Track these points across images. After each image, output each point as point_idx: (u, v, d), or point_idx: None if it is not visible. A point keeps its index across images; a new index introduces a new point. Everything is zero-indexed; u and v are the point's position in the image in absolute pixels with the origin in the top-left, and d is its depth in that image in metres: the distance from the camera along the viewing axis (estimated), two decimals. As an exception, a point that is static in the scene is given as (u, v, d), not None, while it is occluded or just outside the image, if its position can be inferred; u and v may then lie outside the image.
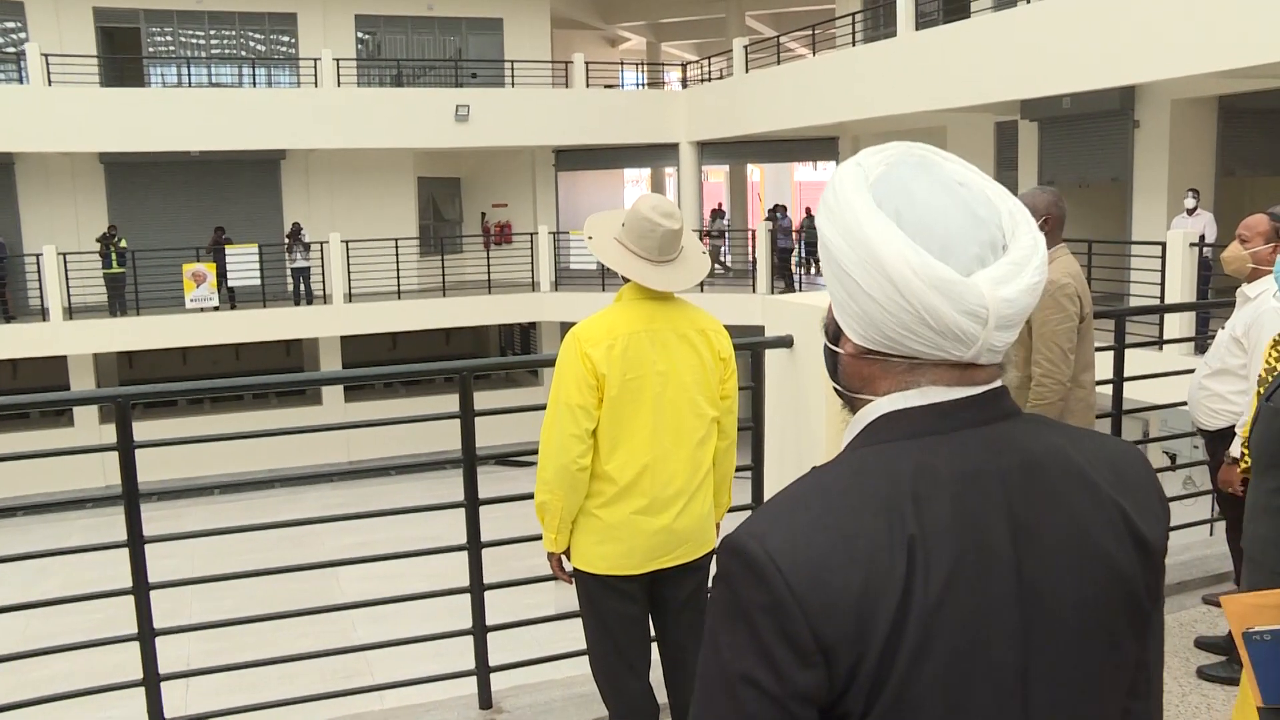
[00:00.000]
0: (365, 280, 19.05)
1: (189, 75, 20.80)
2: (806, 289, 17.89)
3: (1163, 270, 11.19)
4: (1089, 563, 0.91)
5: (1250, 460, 2.93)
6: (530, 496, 2.82)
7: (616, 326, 2.64)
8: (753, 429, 3.74)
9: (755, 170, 32.06)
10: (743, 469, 3.36)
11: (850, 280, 0.91)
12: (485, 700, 3.54)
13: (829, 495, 0.87)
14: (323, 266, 18.87)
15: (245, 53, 20.94)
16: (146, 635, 3.20)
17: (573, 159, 22.45)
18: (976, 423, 0.91)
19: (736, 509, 3.12)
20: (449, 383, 18.98)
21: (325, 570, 3.74)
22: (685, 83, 24.55)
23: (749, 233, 19.99)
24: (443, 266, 19.59)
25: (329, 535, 11.27)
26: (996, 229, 0.92)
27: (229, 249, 18.27)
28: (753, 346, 3.68)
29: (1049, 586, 0.89)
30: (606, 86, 24.60)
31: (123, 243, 17.70)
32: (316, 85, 19.42)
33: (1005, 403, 0.94)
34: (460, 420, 3.44)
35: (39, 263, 17.02)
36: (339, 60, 19.59)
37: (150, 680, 3.21)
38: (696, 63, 24.96)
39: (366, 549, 4.08)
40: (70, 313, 17.45)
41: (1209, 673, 3.63)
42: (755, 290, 18.01)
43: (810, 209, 24.10)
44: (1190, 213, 11.79)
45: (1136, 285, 11.89)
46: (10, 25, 19.38)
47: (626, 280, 2.71)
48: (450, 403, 4.06)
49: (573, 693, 3.58)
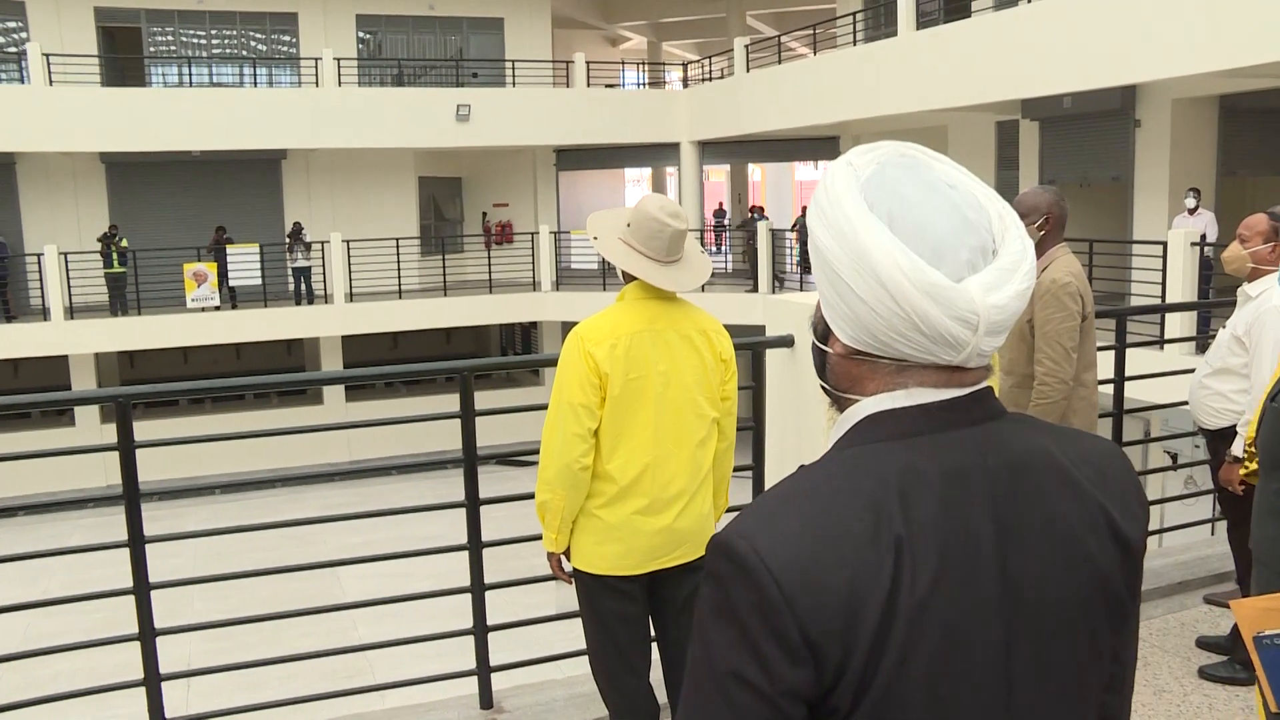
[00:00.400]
0: (366, 280, 19.05)
1: (190, 75, 20.80)
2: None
3: (1164, 270, 11.17)
4: (1072, 562, 0.92)
5: (1258, 461, 2.93)
6: (531, 496, 2.82)
7: (619, 326, 2.64)
8: (753, 429, 3.74)
9: (756, 170, 32.06)
10: (743, 469, 3.36)
11: (841, 282, 0.92)
12: (486, 700, 3.54)
13: (817, 495, 0.88)
14: (324, 266, 18.88)
15: (246, 52, 20.93)
16: (147, 635, 3.20)
17: (574, 158, 22.44)
18: (963, 423, 0.92)
19: (736, 509, 3.12)
20: (450, 382, 18.96)
21: (326, 570, 3.74)
22: (686, 82, 24.55)
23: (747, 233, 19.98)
24: (444, 266, 19.57)
25: (330, 535, 11.28)
26: (986, 233, 0.92)
27: (230, 248, 18.27)
28: (753, 346, 3.68)
29: (1033, 585, 0.90)
30: (607, 86, 24.57)
31: (124, 242, 17.70)
32: (317, 85, 19.42)
33: (991, 404, 0.95)
34: (461, 420, 3.44)
35: (40, 262, 17.03)
36: (340, 60, 19.58)
37: (151, 680, 3.22)
38: (697, 62, 24.93)
39: (368, 549, 4.09)
40: (71, 312, 17.45)
41: (1210, 673, 3.63)
42: (756, 290, 18.01)
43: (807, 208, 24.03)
44: (1191, 212, 11.78)
45: (1137, 285, 11.87)
46: (11, 25, 19.38)
47: (628, 280, 2.71)
48: (451, 402, 4.06)
49: (573, 692, 3.59)
